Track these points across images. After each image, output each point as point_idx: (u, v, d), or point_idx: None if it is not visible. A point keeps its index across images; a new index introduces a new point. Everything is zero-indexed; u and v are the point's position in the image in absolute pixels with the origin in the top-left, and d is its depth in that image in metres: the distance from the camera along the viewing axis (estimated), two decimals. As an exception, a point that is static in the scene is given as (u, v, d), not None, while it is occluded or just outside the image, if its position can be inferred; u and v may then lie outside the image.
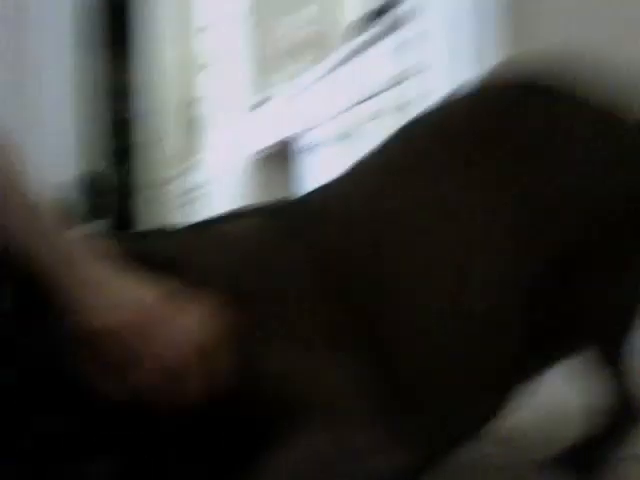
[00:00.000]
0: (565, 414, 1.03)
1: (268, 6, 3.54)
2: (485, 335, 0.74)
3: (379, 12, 2.49)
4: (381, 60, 2.47)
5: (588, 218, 0.78)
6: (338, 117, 2.79)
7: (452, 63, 1.83)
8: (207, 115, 4.16)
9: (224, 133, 3.79)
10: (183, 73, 5.13)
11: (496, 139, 0.79)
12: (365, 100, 2.58)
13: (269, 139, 3.42)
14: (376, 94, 2.48)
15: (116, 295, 0.62)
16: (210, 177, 4.04)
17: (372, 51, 2.56)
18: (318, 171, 2.91)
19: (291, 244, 0.70)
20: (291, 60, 3.49)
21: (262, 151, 3.54)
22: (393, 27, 2.38)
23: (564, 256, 0.77)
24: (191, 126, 5.11)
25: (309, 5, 3.45)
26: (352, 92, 2.70)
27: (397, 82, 2.36)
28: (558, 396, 1.00)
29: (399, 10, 2.33)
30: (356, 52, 2.66)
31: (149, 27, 5.25)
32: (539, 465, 0.90)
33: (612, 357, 0.88)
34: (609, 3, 1.52)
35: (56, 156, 2.17)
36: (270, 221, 0.73)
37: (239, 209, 0.79)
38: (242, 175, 3.62)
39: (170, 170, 5.18)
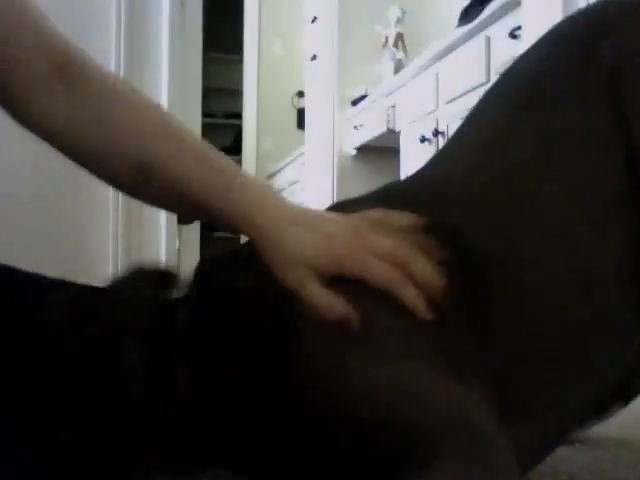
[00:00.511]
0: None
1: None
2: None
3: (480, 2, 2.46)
4: (474, 56, 2.43)
5: None
6: (433, 113, 2.77)
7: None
8: (308, 109, 4.21)
9: (323, 128, 3.83)
10: (289, 68, 5.22)
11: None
12: (459, 97, 2.54)
13: (366, 134, 3.43)
14: (469, 91, 2.45)
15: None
16: (309, 171, 4.09)
17: (467, 46, 2.52)
18: (414, 167, 2.89)
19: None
20: (388, 56, 3.49)
21: (360, 146, 3.56)
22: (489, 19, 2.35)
23: None
24: (292, 121, 5.20)
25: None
26: (447, 88, 2.67)
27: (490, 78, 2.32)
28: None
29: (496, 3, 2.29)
30: (452, 47, 2.63)
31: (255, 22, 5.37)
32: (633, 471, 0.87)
33: None
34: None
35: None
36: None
37: (361, 197, 0.76)
38: (340, 170, 3.65)
39: (272, 165, 5.28)
